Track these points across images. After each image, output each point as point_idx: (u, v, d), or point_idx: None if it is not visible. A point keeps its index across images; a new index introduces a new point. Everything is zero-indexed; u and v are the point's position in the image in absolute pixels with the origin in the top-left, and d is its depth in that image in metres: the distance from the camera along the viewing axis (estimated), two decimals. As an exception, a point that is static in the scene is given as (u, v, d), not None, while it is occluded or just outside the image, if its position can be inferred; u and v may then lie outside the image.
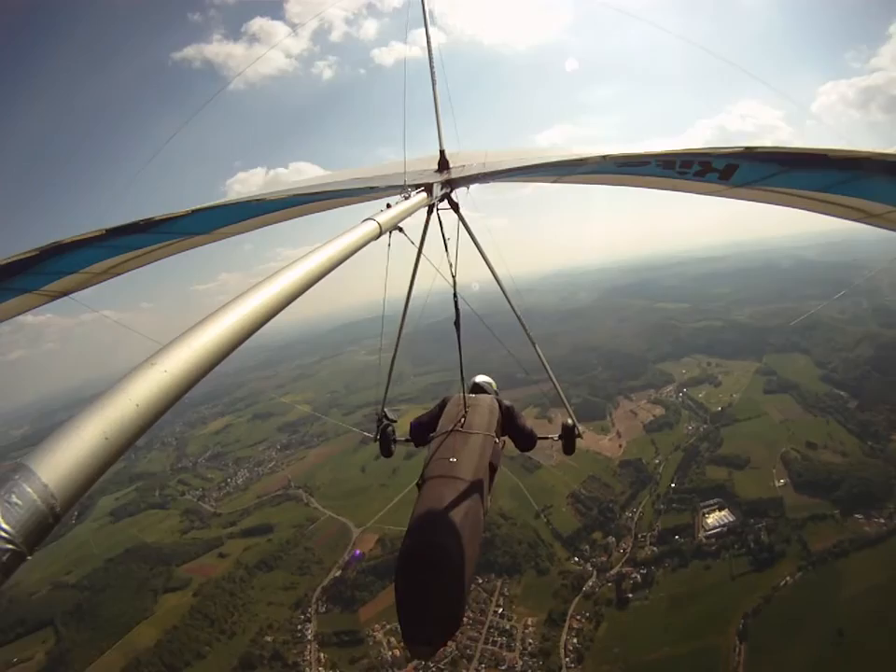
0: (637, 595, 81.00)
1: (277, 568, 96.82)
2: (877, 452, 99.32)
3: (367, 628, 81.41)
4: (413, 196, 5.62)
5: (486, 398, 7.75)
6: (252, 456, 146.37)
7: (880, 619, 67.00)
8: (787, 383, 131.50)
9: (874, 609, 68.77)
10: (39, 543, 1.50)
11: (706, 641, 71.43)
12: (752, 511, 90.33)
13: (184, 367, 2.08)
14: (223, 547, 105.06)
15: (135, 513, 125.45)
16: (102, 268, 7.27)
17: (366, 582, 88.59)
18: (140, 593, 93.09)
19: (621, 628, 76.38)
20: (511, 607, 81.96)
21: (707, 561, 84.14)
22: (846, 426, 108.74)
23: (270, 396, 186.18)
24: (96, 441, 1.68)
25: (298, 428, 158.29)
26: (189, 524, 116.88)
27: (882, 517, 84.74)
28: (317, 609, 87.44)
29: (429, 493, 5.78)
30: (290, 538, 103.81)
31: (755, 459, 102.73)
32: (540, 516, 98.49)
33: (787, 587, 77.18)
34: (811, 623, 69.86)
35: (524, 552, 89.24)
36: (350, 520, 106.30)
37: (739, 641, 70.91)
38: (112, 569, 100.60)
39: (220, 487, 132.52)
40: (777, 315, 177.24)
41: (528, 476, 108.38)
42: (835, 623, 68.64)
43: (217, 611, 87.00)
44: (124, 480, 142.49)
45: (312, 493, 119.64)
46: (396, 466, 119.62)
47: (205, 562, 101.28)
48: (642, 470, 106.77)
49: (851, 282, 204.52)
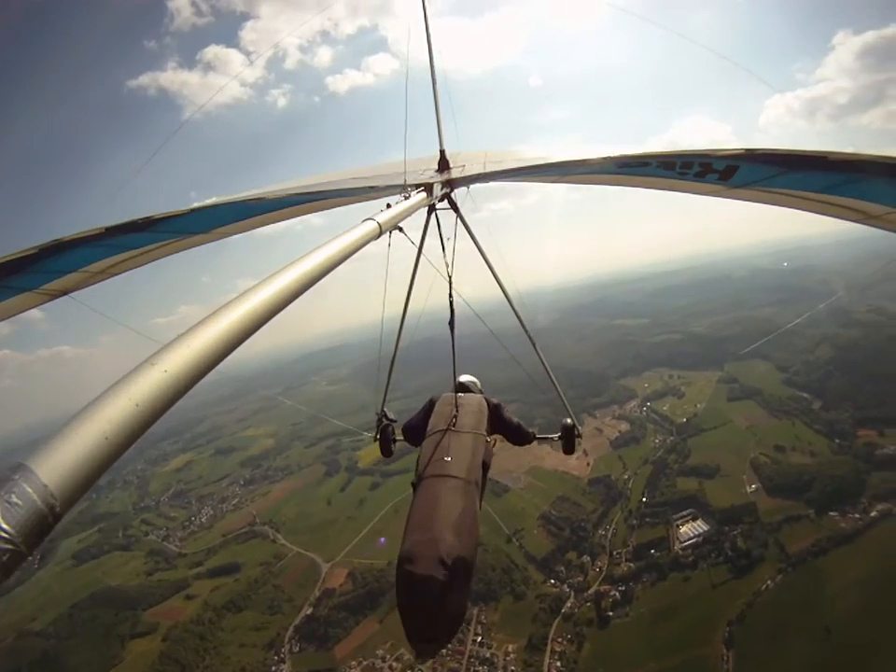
0: (617, 613, 79.56)
1: (247, 608, 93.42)
2: (846, 449, 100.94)
3: (343, 666, 79.22)
4: (413, 196, 5.70)
5: (474, 397, 7.73)
6: (215, 493, 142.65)
7: (867, 612, 67.49)
8: (750, 389, 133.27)
9: (859, 603, 69.42)
10: (39, 543, 1.51)
11: (692, 653, 70.69)
12: (726, 519, 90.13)
13: (184, 367, 2.11)
14: (190, 588, 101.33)
15: (99, 556, 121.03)
16: (100, 267, 7.22)
17: (339, 619, 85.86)
18: (107, 639, 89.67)
19: (604, 647, 74.99)
20: (490, 634, 79.77)
21: (686, 572, 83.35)
22: (812, 426, 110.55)
23: (232, 430, 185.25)
24: (96, 441, 1.69)
25: (261, 462, 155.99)
26: (154, 565, 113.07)
27: (857, 512, 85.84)
28: (291, 649, 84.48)
29: (425, 492, 5.81)
30: (258, 576, 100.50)
31: (725, 467, 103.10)
32: (512, 540, 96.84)
33: (769, 591, 76.93)
34: (797, 624, 69.91)
35: (498, 578, 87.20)
36: (318, 555, 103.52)
37: (726, 649, 70.30)
38: (77, 615, 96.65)
39: (184, 526, 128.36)
40: (735, 323, 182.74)
41: (496, 500, 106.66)
42: (822, 622, 69.06)
43: (188, 656, 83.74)
44: (86, 521, 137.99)
45: (278, 529, 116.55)
46: (362, 497, 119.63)
47: (173, 604, 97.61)
48: (612, 487, 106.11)
49: (805, 286, 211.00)
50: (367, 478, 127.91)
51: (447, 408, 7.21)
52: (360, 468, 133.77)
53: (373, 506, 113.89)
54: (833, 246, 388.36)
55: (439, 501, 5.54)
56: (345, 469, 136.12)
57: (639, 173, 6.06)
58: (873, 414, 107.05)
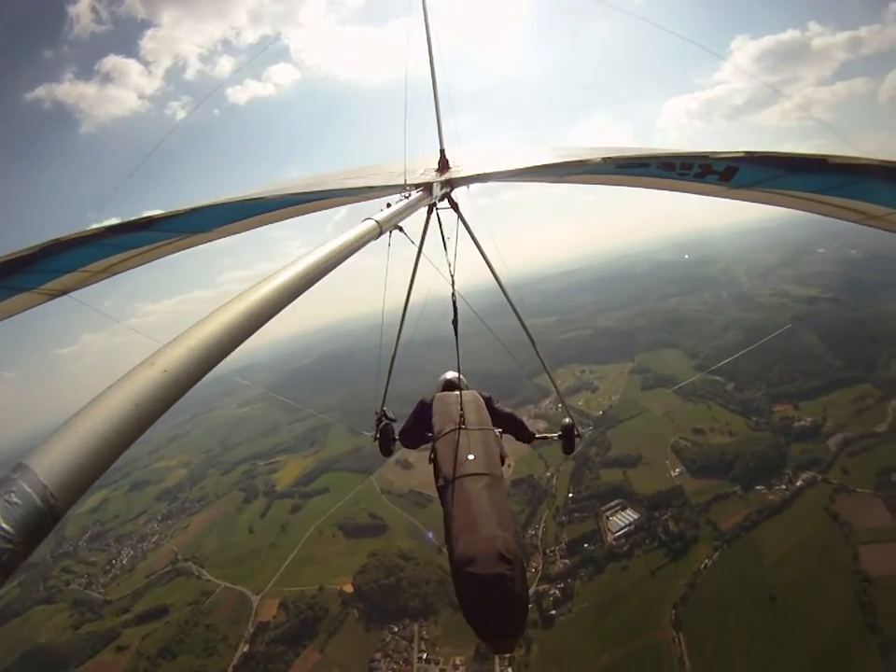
0: (560, 611, 79.09)
1: (182, 653, 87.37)
2: (763, 425, 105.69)
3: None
4: (412, 195, 5.72)
5: (469, 393, 7.56)
6: (134, 532, 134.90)
7: (806, 576, 70.61)
8: (662, 377, 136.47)
9: (798, 568, 72.23)
10: (39, 543, 1.52)
11: (643, 640, 71.00)
12: (655, 505, 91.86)
13: (183, 367, 2.13)
14: (120, 638, 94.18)
15: (22, 612, 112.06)
16: (100, 266, 7.15)
17: (278, 653, 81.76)
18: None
19: (553, 647, 74.30)
20: (435, 649, 77.92)
21: (623, 562, 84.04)
22: (727, 407, 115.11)
23: (145, 462, 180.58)
24: (95, 441, 1.71)
25: (177, 495, 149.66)
26: (80, 616, 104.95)
27: (783, 483, 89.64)
28: (234, 693, 79.82)
29: (460, 493, 5.65)
30: (188, 617, 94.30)
31: (646, 455, 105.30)
32: (442, 550, 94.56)
33: (708, 570, 78.50)
34: (742, 597, 71.45)
35: (433, 590, 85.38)
36: (247, 587, 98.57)
37: (676, 632, 70.96)
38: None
39: (106, 570, 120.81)
40: (641, 315, 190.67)
41: (421, 511, 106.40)
42: (765, 592, 70.95)
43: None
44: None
45: (202, 564, 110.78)
46: (284, 522, 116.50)
47: (104, 658, 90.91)
48: (536, 486, 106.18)
49: (708, 276, 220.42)
50: (287, 501, 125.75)
51: (451, 407, 7.09)
52: (279, 490, 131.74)
53: (297, 530, 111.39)
54: (732, 237, 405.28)
55: (477, 500, 5.48)
56: (264, 494, 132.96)
57: (639, 173, 6.13)
58: (786, 390, 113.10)
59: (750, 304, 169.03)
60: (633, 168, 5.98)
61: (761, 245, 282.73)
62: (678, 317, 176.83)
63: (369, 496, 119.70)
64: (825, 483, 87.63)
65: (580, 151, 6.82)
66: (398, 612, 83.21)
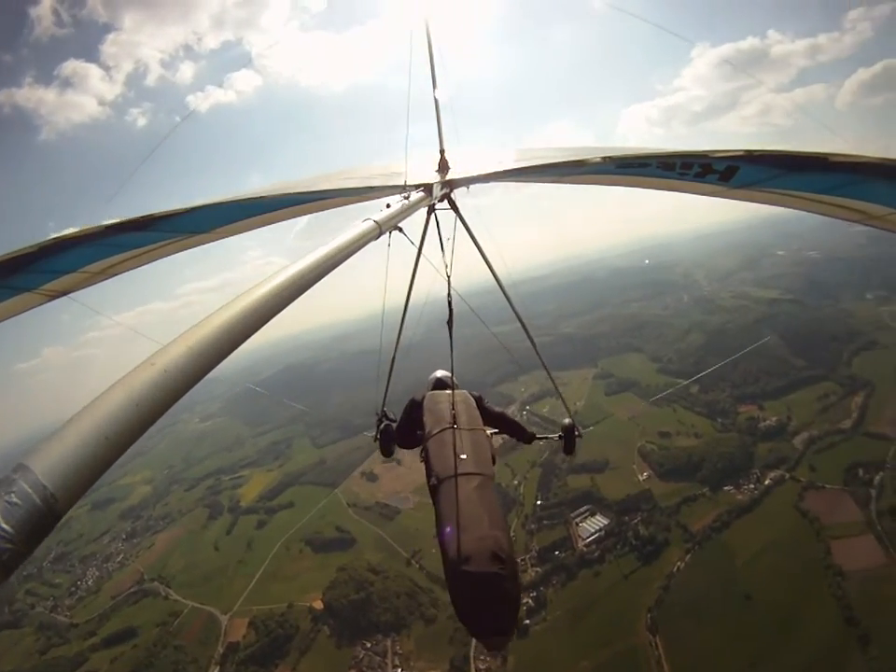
0: (534, 620, 78.50)
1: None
2: (729, 426, 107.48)
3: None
4: (412, 196, 5.66)
5: (460, 392, 7.57)
6: (98, 552, 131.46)
7: (779, 572, 71.99)
8: (626, 382, 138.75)
9: (771, 566, 73.48)
10: (39, 543, 1.52)
11: (619, 645, 71.03)
12: (624, 510, 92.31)
13: (184, 367, 2.14)
14: (88, 663, 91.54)
15: None
16: (100, 267, 7.09)
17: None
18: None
19: (530, 656, 73.55)
20: (409, 664, 76.91)
21: (595, 568, 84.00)
22: (693, 410, 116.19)
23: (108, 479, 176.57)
24: (96, 441, 1.71)
25: (140, 513, 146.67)
26: (47, 641, 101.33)
27: (751, 483, 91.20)
28: (206, 718, 77.47)
29: (452, 493, 5.60)
30: (157, 639, 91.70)
31: (613, 459, 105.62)
32: (412, 563, 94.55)
33: (681, 572, 79.16)
34: (717, 597, 72.11)
35: (405, 604, 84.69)
36: (215, 607, 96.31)
37: (652, 635, 71.12)
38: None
39: (71, 592, 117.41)
40: (602, 321, 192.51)
41: (389, 524, 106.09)
42: (740, 590, 71.93)
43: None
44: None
45: (168, 583, 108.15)
46: (250, 538, 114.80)
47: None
48: (503, 495, 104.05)
49: (668, 280, 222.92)
50: (252, 517, 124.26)
51: (443, 406, 7.08)
52: (244, 506, 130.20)
53: (263, 546, 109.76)
54: (691, 241, 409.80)
55: (469, 500, 5.46)
56: (228, 510, 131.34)
57: (639, 173, 6.12)
58: (750, 391, 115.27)
59: (712, 307, 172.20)
60: (633, 168, 6.00)
61: (720, 249, 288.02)
62: (640, 322, 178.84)
63: (335, 509, 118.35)
64: (793, 480, 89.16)
65: (580, 151, 6.87)
66: (369, 627, 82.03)
